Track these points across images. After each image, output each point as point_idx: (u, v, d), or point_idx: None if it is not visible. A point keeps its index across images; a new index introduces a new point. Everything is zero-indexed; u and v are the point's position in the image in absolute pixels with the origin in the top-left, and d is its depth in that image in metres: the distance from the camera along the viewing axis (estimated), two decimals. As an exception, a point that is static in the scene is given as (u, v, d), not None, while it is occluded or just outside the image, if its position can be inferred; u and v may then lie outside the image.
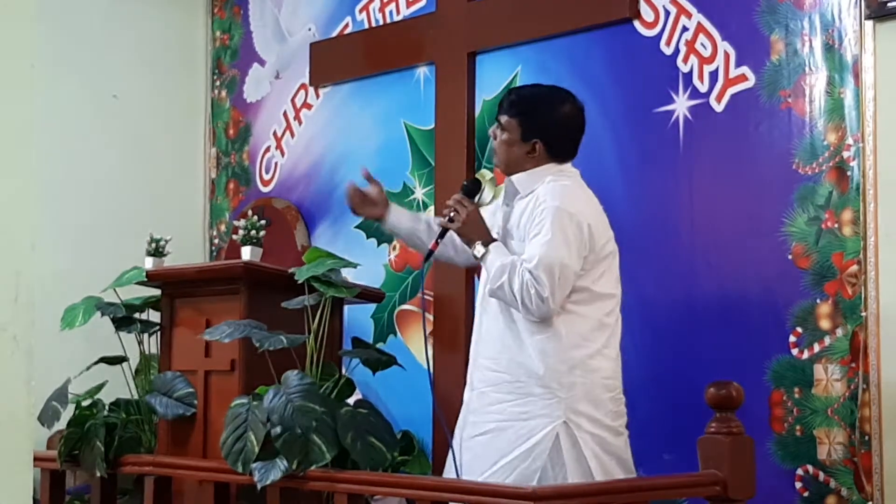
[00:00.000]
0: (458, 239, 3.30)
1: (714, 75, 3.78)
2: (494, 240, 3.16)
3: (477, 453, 3.10)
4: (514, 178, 3.23)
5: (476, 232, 3.17)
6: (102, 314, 3.58)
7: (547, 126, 3.22)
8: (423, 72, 4.58)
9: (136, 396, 3.60)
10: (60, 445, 3.46)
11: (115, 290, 3.54)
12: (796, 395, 3.52)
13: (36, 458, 2.56)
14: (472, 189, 3.30)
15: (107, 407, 3.55)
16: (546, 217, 3.05)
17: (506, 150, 3.24)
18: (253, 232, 3.55)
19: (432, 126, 4.49)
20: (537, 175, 3.20)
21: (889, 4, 3.38)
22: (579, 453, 3.02)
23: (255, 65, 5.28)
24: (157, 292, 3.64)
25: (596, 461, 3.03)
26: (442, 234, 3.26)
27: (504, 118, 3.25)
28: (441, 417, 3.19)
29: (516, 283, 3.01)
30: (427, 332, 4.44)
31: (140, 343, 3.62)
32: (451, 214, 3.18)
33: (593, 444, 3.04)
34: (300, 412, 2.98)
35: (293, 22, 5.13)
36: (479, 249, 3.13)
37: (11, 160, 1.64)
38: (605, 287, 3.14)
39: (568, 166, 3.26)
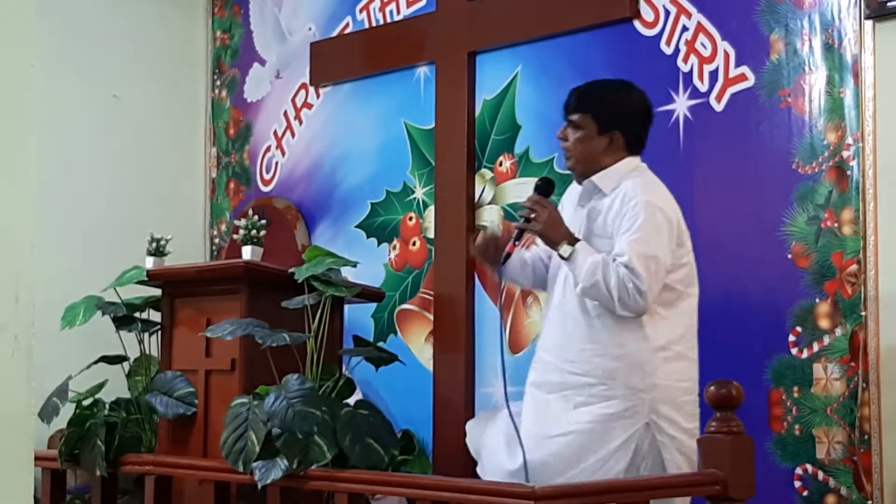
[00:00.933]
0: (530, 257, 3.30)
1: (714, 75, 3.78)
2: (578, 239, 3.06)
3: (557, 453, 3.03)
4: (595, 178, 3.15)
5: (559, 232, 3.06)
6: (103, 313, 3.59)
7: (622, 117, 3.19)
8: (423, 71, 4.59)
9: (133, 396, 3.60)
10: (61, 445, 3.46)
11: (115, 289, 3.54)
12: (796, 395, 3.52)
13: (36, 458, 2.55)
14: (547, 188, 3.19)
15: (107, 406, 3.55)
16: (638, 212, 3.01)
17: (582, 146, 3.16)
18: (253, 231, 3.55)
19: (432, 126, 4.50)
20: (619, 171, 3.15)
21: (889, 4, 3.38)
22: (657, 455, 3.02)
23: (256, 64, 5.28)
24: (157, 292, 3.64)
25: (672, 464, 3.02)
26: (519, 236, 3.17)
27: (576, 116, 3.17)
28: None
29: (612, 280, 2.94)
30: (428, 332, 4.46)
31: (140, 342, 3.62)
32: (531, 216, 3.08)
33: (672, 448, 3.03)
34: (301, 417, 2.98)
35: (293, 21, 5.14)
36: (565, 249, 3.02)
37: (11, 160, 1.64)
38: (687, 286, 3.13)
39: (639, 160, 3.23)
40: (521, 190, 4.24)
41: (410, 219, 4.59)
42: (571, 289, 3.09)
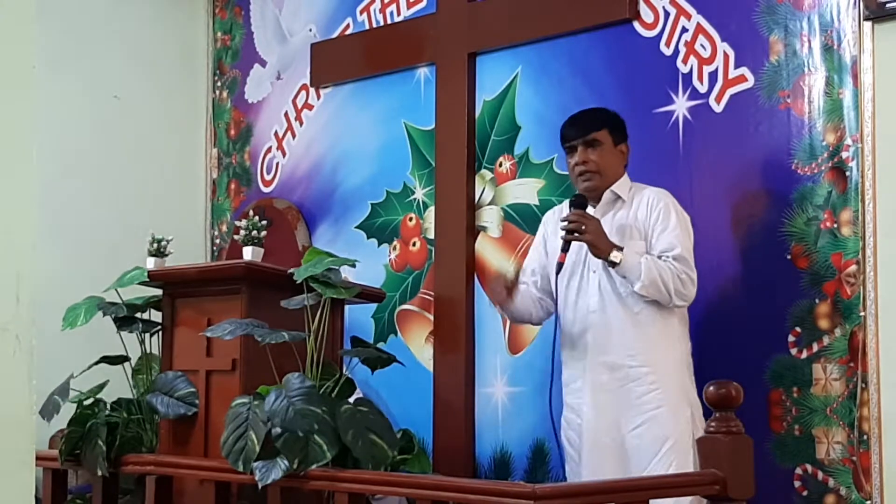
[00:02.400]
0: (536, 294, 3.57)
1: (713, 76, 3.79)
2: (621, 246, 3.33)
3: (638, 445, 3.31)
4: (614, 187, 3.47)
5: (606, 242, 3.33)
6: (104, 314, 3.59)
7: (625, 133, 3.54)
8: (423, 72, 4.59)
9: (135, 396, 3.60)
10: (62, 445, 3.46)
11: (116, 289, 3.54)
12: (795, 395, 3.53)
13: (38, 458, 2.57)
14: (584, 203, 3.45)
15: (108, 406, 3.55)
16: (670, 211, 3.37)
17: (606, 160, 3.47)
18: (254, 232, 3.55)
19: (432, 126, 4.50)
20: (627, 182, 3.50)
21: (888, 5, 3.39)
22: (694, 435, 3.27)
23: (256, 65, 5.28)
24: (158, 292, 3.64)
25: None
26: (566, 247, 3.39)
27: (593, 134, 3.46)
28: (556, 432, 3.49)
29: (667, 274, 3.28)
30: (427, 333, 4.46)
31: (142, 343, 3.63)
32: (582, 227, 3.31)
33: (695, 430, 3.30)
34: (301, 415, 2.98)
35: (294, 22, 5.14)
36: (616, 256, 3.30)
37: (12, 160, 1.65)
38: None
39: None
40: (521, 191, 4.25)
41: (410, 219, 4.59)
42: (611, 293, 3.39)
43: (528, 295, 3.60)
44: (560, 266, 3.42)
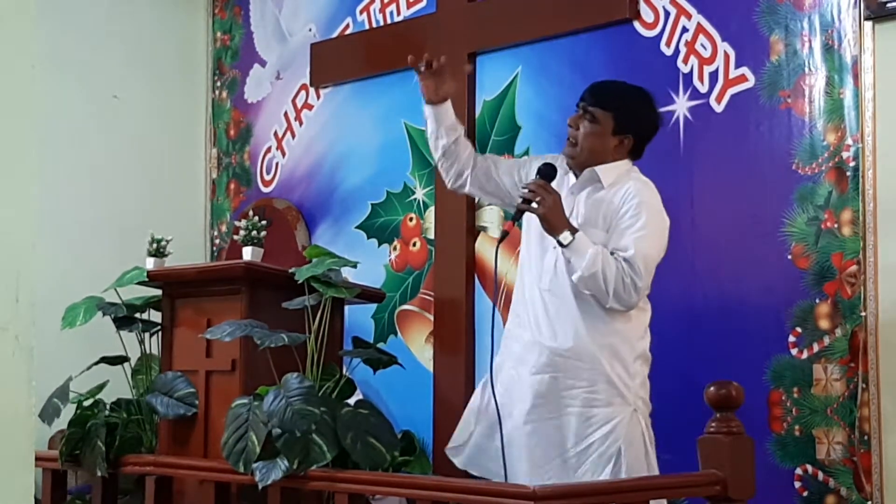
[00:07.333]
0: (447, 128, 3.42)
1: (714, 76, 3.79)
2: (576, 228, 3.10)
3: (547, 435, 3.12)
4: (598, 168, 3.20)
5: (560, 219, 3.09)
6: (104, 314, 3.59)
7: (639, 125, 3.26)
8: (423, 72, 4.58)
9: (135, 396, 3.60)
10: (62, 445, 3.46)
11: (116, 289, 3.54)
12: (795, 395, 3.52)
13: (37, 458, 2.56)
14: (551, 173, 3.20)
15: (108, 407, 3.55)
16: (642, 211, 3.09)
17: (592, 140, 3.20)
18: (254, 232, 3.55)
19: (433, 126, 4.49)
20: (619, 168, 3.22)
21: (888, 5, 3.39)
22: (642, 437, 3.11)
23: (256, 65, 5.28)
24: (158, 292, 3.64)
25: (650, 446, 3.13)
26: (518, 216, 3.18)
27: (597, 110, 3.21)
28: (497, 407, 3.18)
29: (611, 272, 3.01)
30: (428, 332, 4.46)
31: (141, 343, 3.62)
32: (537, 199, 3.09)
33: (648, 430, 3.13)
34: (299, 415, 2.98)
35: (294, 22, 5.14)
36: (566, 237, 3.05)
37: (12, 160, 1.65)
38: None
39: (633, 164, 3.29)
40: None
41: (411, 219, 4.59)
42: (565, 276, 3.13)
43: (468, 146, 3.41)
44: (505, 234, 3.17)
